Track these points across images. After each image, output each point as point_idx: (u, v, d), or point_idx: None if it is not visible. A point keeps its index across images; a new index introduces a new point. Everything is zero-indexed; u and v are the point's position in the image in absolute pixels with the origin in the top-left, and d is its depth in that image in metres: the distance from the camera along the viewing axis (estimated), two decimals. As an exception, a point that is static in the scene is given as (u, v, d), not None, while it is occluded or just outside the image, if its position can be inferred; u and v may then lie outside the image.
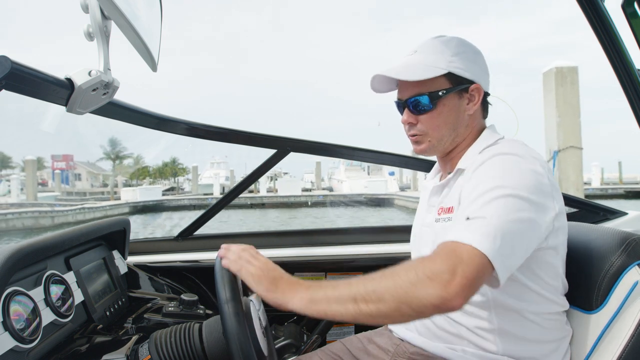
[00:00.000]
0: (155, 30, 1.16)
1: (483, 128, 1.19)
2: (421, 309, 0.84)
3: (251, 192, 36.66)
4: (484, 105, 1.19)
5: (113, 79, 1.09)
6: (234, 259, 0.97)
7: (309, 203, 30.40)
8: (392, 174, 36.19)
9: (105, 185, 48.15)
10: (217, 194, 34.58)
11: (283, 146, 1.89)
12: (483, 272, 0.87)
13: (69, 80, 1.01)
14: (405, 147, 1.26)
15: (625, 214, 1.89)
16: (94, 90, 1.05)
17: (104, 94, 1.11)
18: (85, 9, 0.98)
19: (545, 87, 10.31)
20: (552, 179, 1.02)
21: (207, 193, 35.98)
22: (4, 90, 0.92)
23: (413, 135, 1.17)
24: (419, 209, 1.33)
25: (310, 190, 39.13)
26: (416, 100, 1.12)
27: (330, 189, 41.72)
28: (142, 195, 31.07)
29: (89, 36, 1.00)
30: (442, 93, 1.11)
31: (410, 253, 1.35)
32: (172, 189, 45.25)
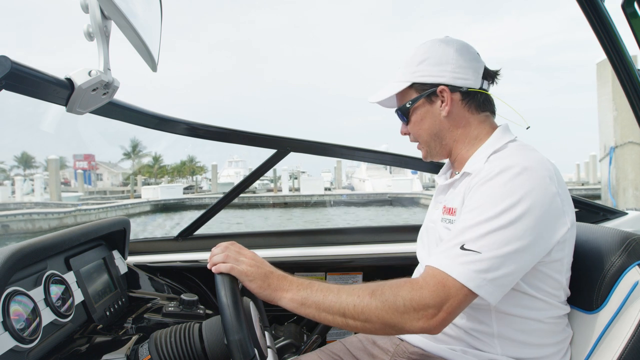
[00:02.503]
0: (155, 30, 1.16)
1: (494, 128, 1.16)
2: (404, 332, 0.94)
3: (270, 191, 36.30)
4: (475, 101, 1.14)
5: (113, 79, 1.08)
6: (221, 259, 0.98)
7: (332, 202, 29.83)
8: (415, 172, 35.76)
9: (126, 184, 48.61)
10: (238, 192, 34.05)
11: (283, 146, 1.89)
12: (467, 303, 0.93)
13: (69, 80, 1.01)
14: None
15: (625, 214, 1.89)
16: (94, 90, 1.05)
17: (104, 94, 1.11)
18: (85, 9, 0.98)
19: (599, 79, 9.55)
20: (562, 191, 0.99)
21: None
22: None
23: (415, 142, 1.25)
24: (430, 205, 1.33)
25: (329, 189, 38.62)
26: (398, 113, 1.22)
27: (352, 188, 41.23)
28: (163, 194, 30.94)
29: (89, 36, 0.99)
30: (409, 104, 1.16)
31: (410, 253, 1.35)
32: (190, 187, 45.55)
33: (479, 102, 1.15)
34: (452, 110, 1.13)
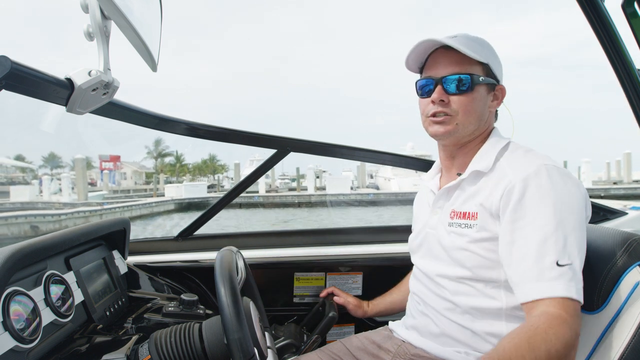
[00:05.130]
0: (155, 30, 1.16)
1: (491, 130, 1.20)
2: None
3: (293, 190, 35.77)
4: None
5: (113, 78, 1.08)
6: None
7: (358, 202, 29.07)
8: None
9: (148, 183, 49.20)
10: (262, 191, 33.60)
11: (283, 146, 1.89)
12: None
13: (69, 80, 1.01)
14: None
15: (625, 214, 1.89)
16: (94, 90, 1.05)
17: (104, 94, 1.11)
18: (85, 9, 0.98)
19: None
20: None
21: (252, 191, 32.88)
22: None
23: (437, 116, 1.12)
24: (419, 210, 1.32)
25: (352, 188, 38.01)
26: (458, 78, 1.09)
27: (376, 187, 40.72)
28: (187, 192, 30.42)
29: (89, 36, 0.99)
30: (481, 79, 1.11)
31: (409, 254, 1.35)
32: (212, 186, 45.69)
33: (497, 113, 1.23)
34: (494, 110, 1.19)
